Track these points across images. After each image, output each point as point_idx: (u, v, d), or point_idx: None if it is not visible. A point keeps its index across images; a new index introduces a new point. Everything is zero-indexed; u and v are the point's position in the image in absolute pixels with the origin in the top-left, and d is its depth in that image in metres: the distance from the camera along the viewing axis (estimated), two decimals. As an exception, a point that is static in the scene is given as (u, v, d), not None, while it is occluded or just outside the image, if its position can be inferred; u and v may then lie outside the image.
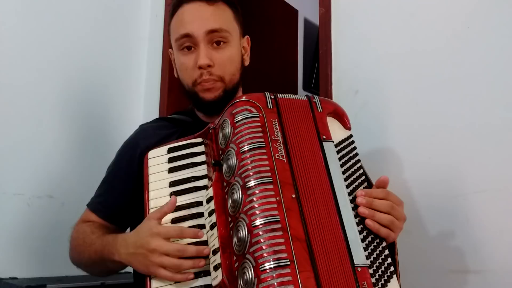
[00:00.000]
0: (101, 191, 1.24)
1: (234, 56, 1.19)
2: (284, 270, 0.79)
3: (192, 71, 1.16)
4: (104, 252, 1.04)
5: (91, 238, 1.11)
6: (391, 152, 1.42)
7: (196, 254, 0.91)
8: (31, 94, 1.87)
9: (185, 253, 0.90)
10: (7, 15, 1.84)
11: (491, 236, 1.20)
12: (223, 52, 1.16)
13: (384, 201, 0.94)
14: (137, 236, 0.96)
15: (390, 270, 0.89)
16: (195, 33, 1.14)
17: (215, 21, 1.15)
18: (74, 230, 1.20)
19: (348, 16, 1.62)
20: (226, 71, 1.16)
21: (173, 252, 0.90)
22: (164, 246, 0.91)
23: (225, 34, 1.16)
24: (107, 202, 1.21)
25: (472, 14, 1.31)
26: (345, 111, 1.07)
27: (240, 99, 1.00)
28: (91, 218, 1.21)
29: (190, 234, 0.92)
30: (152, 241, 0.91)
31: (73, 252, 1.18)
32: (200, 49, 1.14)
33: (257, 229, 0.83)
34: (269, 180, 0.87)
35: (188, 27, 1.14)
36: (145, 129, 1.27)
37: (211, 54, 1.14)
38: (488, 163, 1.22)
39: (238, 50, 1.21)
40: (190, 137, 1.09)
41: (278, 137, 0.94)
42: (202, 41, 1.14)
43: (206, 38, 1.14)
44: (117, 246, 0.99)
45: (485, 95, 1.25)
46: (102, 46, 2.15)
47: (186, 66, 1.17)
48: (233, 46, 1.18)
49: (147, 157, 1.08)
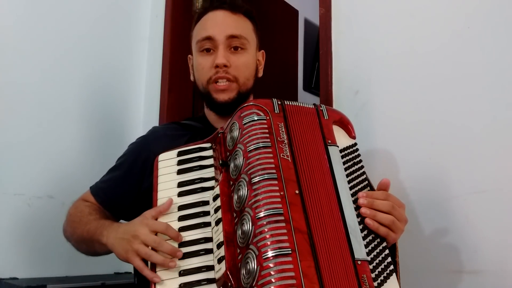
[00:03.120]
0: (105, 178, 1.30)
1: (249, 62, 1.26)
2: (286, 259, 0.82)
3: (208, 70, 1.23)
4: (96, 233, 1.09)
5: (88, 219, 1.17)
6: (391, 152, 1.42)
7: (169, 252, 0.94)
8: (32, 94, 1.87)
9: (160, 247, 0.94)
10: (8, 15, 1.85)
11: (491, 237, 1.20)
12: (240, 57, 1.24)
13: (385, 201, 0.97)
14: (128, 225, 1.03)
15: (389, 268, 0.91)
16: (216, 36, 1.22)
17: (236, 28, 1.24)
18: (72, 206, 1.26)
19: (349, 17, 1.63)
20: (241, 73, 1.23)
21: (150, 241, 0.95)
22: (144, 235, 0.96)
23: (243, 41, 1.24)
24: (108, 190, 1.27)
25: (472, 14, 1.31)
26: (350, 121, 1.11)
27: (249, 103, 1.05)
28: (90, 199, 1.27)
29: (173, 234, 0.97)
30: (138, 229, 0.97)
31: (67, 225, 1.24)
32: (219, 51, 1.21)
33: (261, 220, 0.86)
34: (274, 176, 0.91)
35: (210, 31, 1.23)
36: (157, 130, 1.35)
37: (228, 56, 1.22)
38: (488, 163, 1.22)
39: (254, 59, 1.29)
40: (199, 142, 1.13)
41: (284, 139, 0.98)
42: (221, 44, 1.22)
43: (225, 42, 1.22)
44: (110, 230, 1.05)
45: (485, 95, 1.25)
46: (103, 47, 2.15)
47: (203, 66, 1.24)
48: (249, 54, 1.26)
49: (157, 160, 1.12)
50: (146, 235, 0.96)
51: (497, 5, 1.27)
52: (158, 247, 0.94)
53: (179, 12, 2.26)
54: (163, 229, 0.97)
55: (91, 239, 1.11)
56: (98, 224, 1.12)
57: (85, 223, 1.16)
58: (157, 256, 0.94)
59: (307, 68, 3.52)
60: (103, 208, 1.25)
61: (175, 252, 0.94)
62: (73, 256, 1.29)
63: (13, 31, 1.85)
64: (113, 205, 1.25)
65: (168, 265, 0.93)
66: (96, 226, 1.11)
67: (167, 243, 0.95)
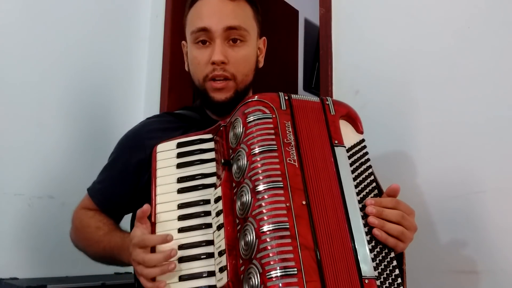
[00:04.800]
0: (101, 178, 1.24)
1: (249, 56, 1.16)
2: (291, 280, 0.78)
3: (204, 66, 1.13)
4: (114, 253, 1.06)
5: (98, 235, 1.13)
6: (391, 152, 1.42)
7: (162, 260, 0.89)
8: (32, 94, 1.87)
9: (149, 263, 0.90)
10: (8, 15, 1.85)
11: (492, 236, 1.20)
12: (238, 51, 1.13)
13: (394, 210, 0.91)
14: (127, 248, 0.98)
15: (397, 282, 0.87)
16: (213, 28, 1.11)
17: (234, 18, 1.12)
18: (75, 216, 1.22)
19: (349, 17, 1.63)
20: (239, 70, 1.13)
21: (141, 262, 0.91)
22: (135, 256, 0.92)
23: (243, 33, 1.13)
24: (105, 190, 1.22)
25: (473, 14, 1.31)
26: (358, 114, 1.04)
27: (253, 98, 0.97)
28: (89, 205, 1.22)
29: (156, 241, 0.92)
30: (132, 252, 0.93)
31: (76, 240, 1.21)
32: (216, 45, 1.11)
33: (265, 235, 0.82)
34: (280, 185, 0.86)
35: (206, 21, 1.12)
36: (151, 122, 1.25)
37: (226, 51, 1.12)
38: (490, 163, 1.22)
39: (254, 50, 1.18)
40: (200, 133, 1.06)
41: (291, 140, 0.92)
42: (219, 37, 1.11)
43: (223, 35, 1.11)
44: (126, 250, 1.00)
45: (486, 95, 1.25)
46: (103, 47, 2.15)
47: (199, 60, 1.14)
48: (249, 46, 1.15)
49: (156, 150, 1.05)
50: (136, 256, 0.92)
51: (497, 5, 1.27)
52: (148, 263, 0.90)
53: (179, 12, 2.26)
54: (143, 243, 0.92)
55: (112, 257, 1.08)
56: (111, 242, 1.08)
57: (97, 241, 1.12)
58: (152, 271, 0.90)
59: (307, 68, 3.52)
60: (101, 210, 1.21)
61: (167, 256, 0.89)
62: (73, 256, 1.29)
63: (13, 31, 1.85)
64: (112, 206, 1.21)
65: (168, 270, 0.89)
66: (110, 245, 1.08)
67: (154, 255, 0.90)
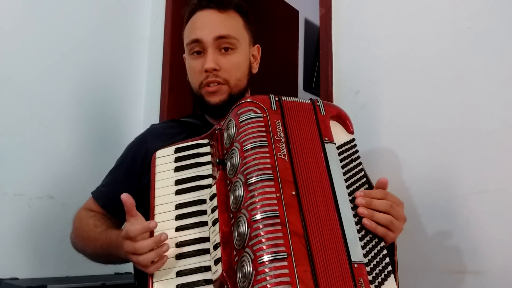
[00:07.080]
0: (106, 181, 1.31)
1: (241, 62, 1.23)
2: (282, 263, 0.81)
3: (199, 74, 1.21)
4: (110, 249, 1.10)
5: (95, 233, 1.17)
6: (391, 152, 1.42)
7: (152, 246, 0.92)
8: (32, 94, 1.87)
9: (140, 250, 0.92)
10: (8, 15, 1.85)
11: (490, 237, 1.20)
12: (230, 58, 1.21)
13: (383, 200, 0.96)
14: None
15: (387, 270, 0.90)
16: (204, 39, 1.19)
17: (224, 28, 1.21)
18: (77, 217, 1.26)
19: (349, 17, 1.62)
20: (232, 75, 1.21)
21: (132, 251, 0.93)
22: (126, 247, 0.95)
23: (233, 41, 1.21)
24: (109, 192, 1.26)
25: (473, 15, 1.31)
26: (348, 116, 1.09)
27: (246, 100, 1.03)
28: (92, 207, 1.27)
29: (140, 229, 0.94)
30: (123, 245, 0.96)
31: (76, 240, 1.24)
32: (208, 54, 1.19)
33: (256, 223, 0.85)
34: (270, 177, 0.90)
35: (198, 33, 1.21)
36: (155, 128, 1.34)
37: (218, 59, 1.20)
38: (488, 163, 1.22)
39: (246, 57, 1.26)
40: (197, 138, 1.13)
41: (281, 137, 0.97)
42: (210, 46, 1.19)
43: (214, 44, 1.19)
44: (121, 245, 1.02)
45: (486, 96, 1.25)
46: (103, 47, 2.15)
47: (194, 69, 1.22)
48: (240, 53, 1.23)
49: (155, 156, 1.12)
50: (127, 247, 0.94)
51: (498, 5, 1.27)
52: (140, 251, 0.92)
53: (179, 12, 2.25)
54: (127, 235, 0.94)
55: (109, 253, 1.11)
56: (107, 239, 1.12)
57: (94, 239, 1.16)
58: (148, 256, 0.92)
59: (307, 68, 3.52)
60: (106, 211, 1.25)
61: (157, 241, 0.92)
62: (73, 256, 1.29)
63: (13, 31, 1.85)
64: (116, 207, 1.22)
65: (162, 252, 0.92)
66: (106, 242, 1.11)
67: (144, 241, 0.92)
